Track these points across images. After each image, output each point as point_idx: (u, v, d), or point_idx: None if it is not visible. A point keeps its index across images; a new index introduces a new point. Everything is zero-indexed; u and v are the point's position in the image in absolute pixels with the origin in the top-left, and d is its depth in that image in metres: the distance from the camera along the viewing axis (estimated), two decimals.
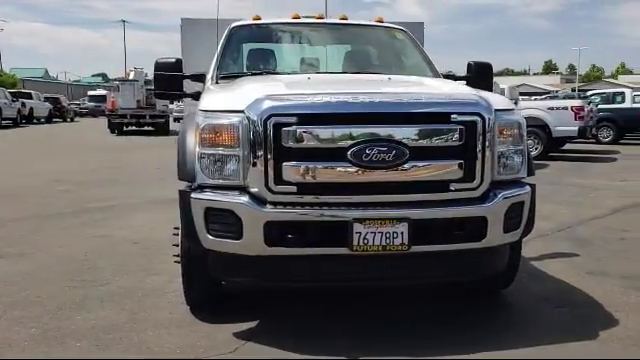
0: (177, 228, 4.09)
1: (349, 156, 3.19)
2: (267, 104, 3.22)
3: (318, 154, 3.22)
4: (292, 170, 3.22)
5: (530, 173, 3.71)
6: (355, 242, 3.19)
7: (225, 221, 3.29)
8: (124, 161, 14.49)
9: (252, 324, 3.73)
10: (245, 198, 3.25)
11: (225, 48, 4.92)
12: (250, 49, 5.24)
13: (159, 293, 4.36)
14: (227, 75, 4.62)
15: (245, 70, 4.85)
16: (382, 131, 3.23)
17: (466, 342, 3.46)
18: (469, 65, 4.99)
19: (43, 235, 6.26)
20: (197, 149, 3.41)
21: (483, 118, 3.33)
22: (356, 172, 3.22)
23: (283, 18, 5.39)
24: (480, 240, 3.37)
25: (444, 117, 3.31)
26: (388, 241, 3.21)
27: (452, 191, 3.34)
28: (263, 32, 5.30)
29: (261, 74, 4.59)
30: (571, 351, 3.34)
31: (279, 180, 3.22)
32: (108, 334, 3.58)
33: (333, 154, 3.22)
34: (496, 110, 3.45)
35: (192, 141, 3.52)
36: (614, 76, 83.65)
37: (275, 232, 3.22)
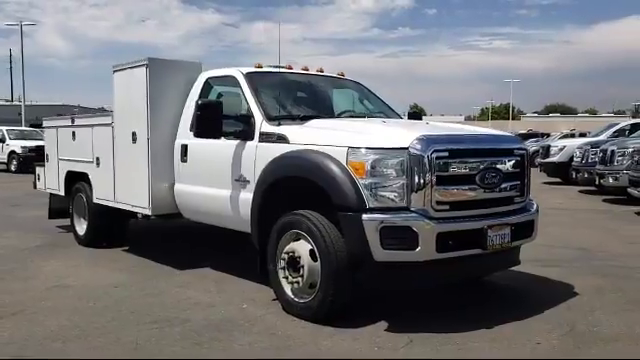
0: (288, 253, 4.57)
1: (477, 180, 4.39)
2: (430, 143, 4.20)
3: (460, 179, 4.36)
4: (445, 192, 4.26)
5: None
6: (488, 243, 4.38)
7: (401, 236, 4.10)
8: None
9: (383, 323, 4.40)
10: (418, 216, 4.13)
11: (257, 91, 5.40)
12: (288, 94, 5.77)
13: (256, 317, 4.61)
14: (283, 117, 5.16)
15: (296, 112, 5.42)
16: (492, 161, 4.54)
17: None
18: (409, 113, 6.66)
19: None
20: (362, 180, 4.15)
21: (527, 151, 4.90)
22: (482, 191, 4.43)
23: (280, 68, 6.12)
24: (531, 236, 4.92)
25: (512, 151, 4.77)
26: (502, 240, 4.49)
27: (514, 203, 4.80)
28: (280, 79, 5.94)
29: (321, 117, 5.31)
30: (591, 302, 5.03)
31: (438, 200, 4.21)
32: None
33: (468, 179, 4.38)
34: None
35: (346, 173, 4.22)
36: None
37: (442, 241, 4.18)
